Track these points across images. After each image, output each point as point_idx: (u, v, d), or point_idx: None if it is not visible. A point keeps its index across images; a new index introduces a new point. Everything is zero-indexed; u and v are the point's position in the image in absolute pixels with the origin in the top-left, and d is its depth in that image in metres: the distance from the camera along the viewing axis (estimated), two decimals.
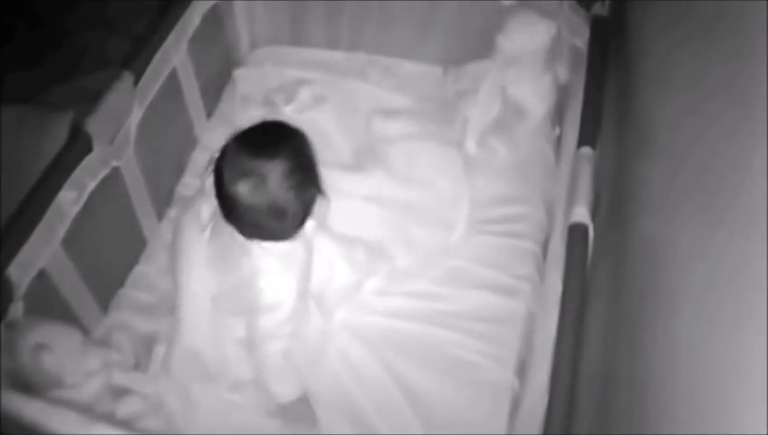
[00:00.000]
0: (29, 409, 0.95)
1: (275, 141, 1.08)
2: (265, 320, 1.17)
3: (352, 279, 1.37)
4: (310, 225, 1.17)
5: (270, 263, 1.14)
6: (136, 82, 1.41)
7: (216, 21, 1.74)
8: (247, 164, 1.04)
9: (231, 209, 1.08)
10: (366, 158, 1.60)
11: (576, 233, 1.19)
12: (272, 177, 1.04)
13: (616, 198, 1.33)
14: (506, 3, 1.67)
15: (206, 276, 1.24)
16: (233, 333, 1.24)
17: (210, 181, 1.11)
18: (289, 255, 1.16)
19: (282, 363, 1.20)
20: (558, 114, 1.70)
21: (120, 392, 1.24)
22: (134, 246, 1.51)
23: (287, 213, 1.08)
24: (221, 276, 1.22)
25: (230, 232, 1.14)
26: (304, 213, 1.11)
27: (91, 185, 1.30)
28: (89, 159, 1.28)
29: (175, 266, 1.29)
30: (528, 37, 1.61)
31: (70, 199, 1.24)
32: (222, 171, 1.06)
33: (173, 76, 1.56)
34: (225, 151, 1.08)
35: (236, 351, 1.25)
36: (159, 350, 1.29)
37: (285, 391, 1.23)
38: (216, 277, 1.23)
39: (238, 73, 1.87)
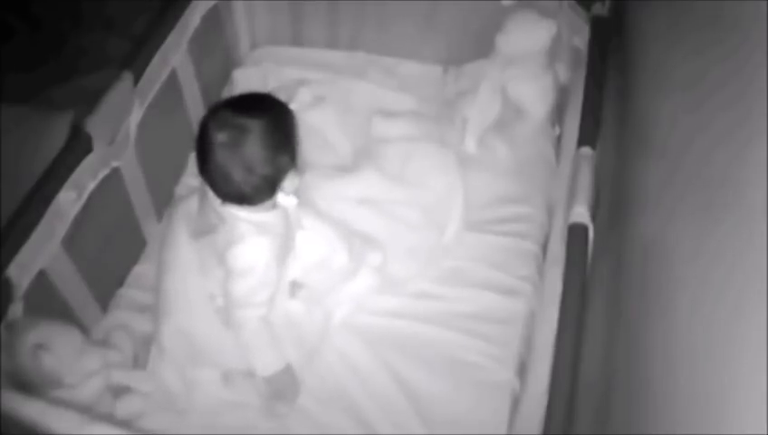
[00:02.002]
0: (29, 409, 0.95)
1: (260, 103, 1.15)
2: (237, 286, 1.16)
3: (349, 264, 1.36)
4: (290, 201, 1.20)
5: (243, 229, 1.15)
6: (136, 82, 1.41)
7: (215, 21, 1.74)
8: (231, 117, 1.10)
9: (208, 161, 1.10)
10: (363, 158, 1.60)
11: (576, 233, 1.19)
12: (251, 130, 1.09)
13: (616, 198, 1.33)
14: (506, 3, 1.67)
15: (193, 255, 1.26)
16: (223, 317, 1.24)
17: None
18: (264, 224, 1.16)
19: (259, 331, 1.20)
20: (558, 114, 1.70)
21: (119, 392, 1.24)
22: (134, 247, 1.51)
23: (257, 171, 1.10)
24: (204, 250, 1.23)
25: (210, 204, 1.18)
26: (275, 178, 1.13)
27: (91, 185, 1.30)
28: (89, 160, 1.28)
29: (162, 250, 1.31)
30: (528, 37, 1.61)
31: (70, 199, 1.24)
32: (206, 123, 1.11)
33: (173, 76, 1.56)
34: (212, 109, 1.14)
35: (228, 336, 1.24)
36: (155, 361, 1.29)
37: (266, 362, 1.22)
38: (201, 252, 1.24)
39: (238, 73, 1.86)
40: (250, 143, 1.08)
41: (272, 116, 1.12)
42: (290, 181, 1.15)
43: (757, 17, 0.77)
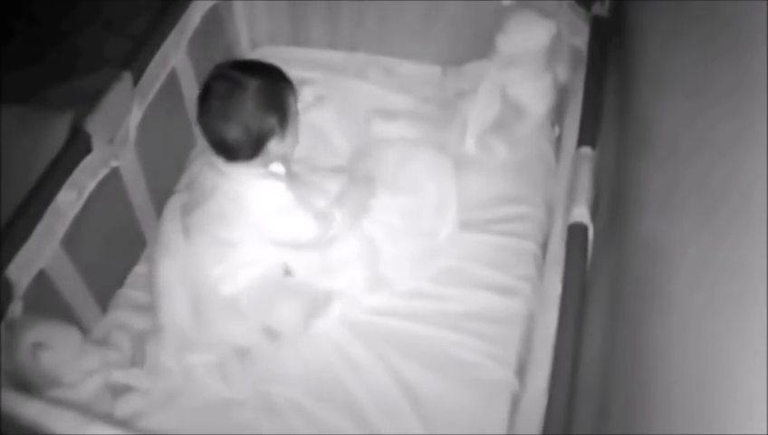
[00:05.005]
0: (29, 409, 0.95)
1: (263, 68, 1.27)
2: (305, 233, 1.29)
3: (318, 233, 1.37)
4: (278, 168, 1.30)
5: (244, 178, 1.25)
6: (136, 82, 1.41)
7: (216, 21, 1.74)
8: (230, 73, 1.23)
9: (204, 109, 1.22)
10: (360, 159, 1.59)
11: (576, 233, 1.19)
12: (245, 86, 1.20)
13: (616, 198, 1.33)
14: (506, 3, 1.67)
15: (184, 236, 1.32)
16: (218, 292, 1.28)
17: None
18: (265, 173, 1.27)
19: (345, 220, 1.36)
20: (558, 114, 1.70)
21: (119, 391, 1.25)
22: (134, 247, 1.51)
23: (243, 124, 1.20)
24: (203, 219, 1.29)
25: (213, 165, 1.27)
26: (260, 135, 1.22)
27: (91, 185, 1.30)
28: (88, 160, 1.28)
29: (153, 247, 1.36)
30: (528, 37, 1.61)
31: (69, 199, 1.24)
32: (208, 79, 1.23)
33: (173, 76, 1.56)
34: (218, 65, 1.26)
35: (223, 314, 1.29)
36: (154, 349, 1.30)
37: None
38: (196, 223, 1.30)
39: None
40: (241, 96, 1.20)
41: (269, 79, 1.23)
42: (276, 145, 1.24)
43: (755, 15, 0.77)
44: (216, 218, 1.27)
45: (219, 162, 1.25)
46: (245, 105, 1.20)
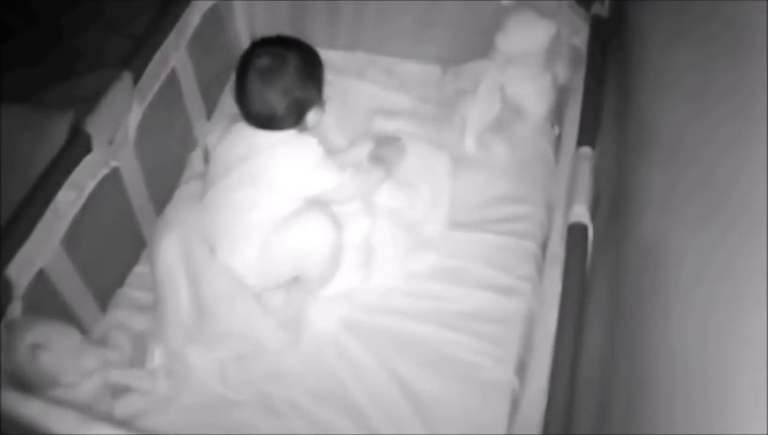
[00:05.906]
0: (29, 408, 0.95)
1: (295, 41, 1.36)
2: (329, 179, 1.33)
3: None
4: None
5: (280, 138, 1.31)
6: (135, 82, 1.41)
7: (216, 21, 1.74)
8: (271, 48, 1.31)
9: (248, 84, 1.29)
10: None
11: (575, 233, 1.19)
12: (288, 59, 1.30)
13: (616, 198, 1.33)
14: (506, 2, 1.67)
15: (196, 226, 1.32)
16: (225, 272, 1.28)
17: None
18: (299, 139, 1.33)
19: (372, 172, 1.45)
20: (557, 114, 1.70)
21: (118, 391, 1.25)
22: (134, 247, 1.51)
23: (291, 93, 1.29)
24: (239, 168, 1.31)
25: (245, 136, 1.33)
26: (304, 103, 1.31)
27: (91, 185, 1.30)
28: (88, 160, 1.28)
29: (155, 237, 1.36)
30: (527, 37, 1.61)
31: (69, 199, 1.24)
32: (249, 52, 1.31)
33: (173, 76, 1.56)
34: (253, 43, 1.35)
35: (226, 305, 1.28)
36: (154, 348, 1.30)
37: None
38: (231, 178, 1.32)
39: None
40: (286, 69, 1.29)
41: (304, 51, 1.34)
42: (314, 114, 1.33)
43: (755, 15, 0.77)
44: (249, 180, 1.29)
45: (253, 131, 1.31)
46: (292, 76, 1.29)
